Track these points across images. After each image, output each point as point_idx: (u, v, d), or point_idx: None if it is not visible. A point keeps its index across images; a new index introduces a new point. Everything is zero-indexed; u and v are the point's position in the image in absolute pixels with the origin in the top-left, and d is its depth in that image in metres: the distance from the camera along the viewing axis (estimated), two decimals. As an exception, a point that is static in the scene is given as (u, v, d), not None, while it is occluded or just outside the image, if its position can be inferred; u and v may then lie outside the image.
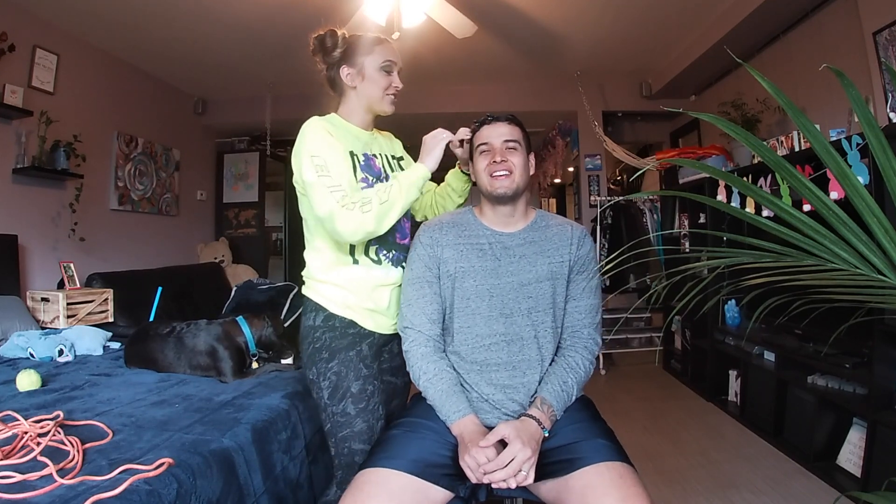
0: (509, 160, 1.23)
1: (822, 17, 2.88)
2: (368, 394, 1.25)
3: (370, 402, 1.25)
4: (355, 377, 1.24)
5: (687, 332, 3.58)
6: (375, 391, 1.26)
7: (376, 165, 1.32)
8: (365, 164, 1.29)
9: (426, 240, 1.29)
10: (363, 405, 1.24)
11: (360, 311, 1.28)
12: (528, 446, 1.04)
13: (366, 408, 1.24)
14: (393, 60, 1.33)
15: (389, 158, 1.39)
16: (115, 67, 3.69)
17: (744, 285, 1.03)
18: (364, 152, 1.31)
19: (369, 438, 1.22)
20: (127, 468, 1.07)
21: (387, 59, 1.32)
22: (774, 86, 0.74)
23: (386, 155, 1.38)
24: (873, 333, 1.93)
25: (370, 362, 1.28)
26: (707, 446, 2.50)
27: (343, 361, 1.25)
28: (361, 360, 1.26)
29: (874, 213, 0.75)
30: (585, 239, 1.29)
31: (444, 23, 2.86)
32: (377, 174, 1.32)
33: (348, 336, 1.27)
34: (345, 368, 1.25)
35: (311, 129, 1.23)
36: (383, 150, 1.39)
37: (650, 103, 4.55)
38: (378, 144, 1.38)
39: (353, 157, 1.27)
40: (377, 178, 1.30)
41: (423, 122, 5.50)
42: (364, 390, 1.24)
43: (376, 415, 1.25)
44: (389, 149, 1.43)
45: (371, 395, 1.25)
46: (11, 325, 2.43)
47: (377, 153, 1.35)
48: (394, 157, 1.42)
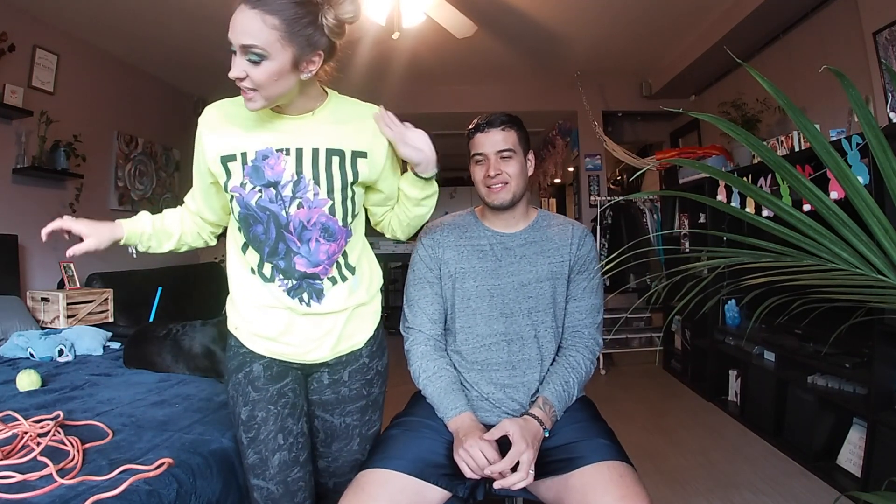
0: (504, 171, 1.22)
1: (822, 17, 2.88)
2: (259, 421, 1.05)
3: (261, 432, 1.05)
4: (243, 402, 1.07)
5: (687, 332, 3.58)
6: (269, 418, 1.05)
7: (277, 167, 1.01)
8: (253, 167, 1.01)
9: (427, 241, 1.30)
10: (252, 434, 1.05)
11: (245, 333, 1.10)
12: (532, 447, 1.05)
13: (255, 437, 1.05)
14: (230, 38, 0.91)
15: (323, 154, 1.02)
16: (115, 67, 3.69)
17: (744, 285, 1.03)
18: (262, 149, 1.01)
19: (263, 473, 1.04)
20: (127, 468, 1.08)
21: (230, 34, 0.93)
22: (774, 86, 0.74)
23: (315, 148, 1.02)
24: (873, 333, 1.93)
25: (263, 384, 1.07)
26: (707, 446, 2.50)
27: (234, 384, 1.10)
28: (250, 382, 1.08)
29: (874, 213, 0.75)
30: (586, 239, 1.29)
31: (444, 23, 2.86)
32: (270, 180, 1.01)
33: (239, 356, 1.11)
34: (234, 392, 1.09)
35: (199, 119, 1.07)
36: (309, 141, 1.03)
37: (650, 103, 4.55)
38: (303, 132, 1.03)
39: (227, 163, 1.02)
40: (265, 186, 1.01)
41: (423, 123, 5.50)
42: (252, 417, 1.06)
43: (271, 446, 1.04)
44: (334, 138, 1.04)
45: (262, 423, 1.05)
46: (11, 325, 2.43)
47: (292, 146, 1.02)
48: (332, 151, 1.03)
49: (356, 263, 1.12)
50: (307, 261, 1.04)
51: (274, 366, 1.09)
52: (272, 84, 0.93)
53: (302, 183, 1.02)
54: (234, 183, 1.02)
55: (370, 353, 1.16)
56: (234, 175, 1.02)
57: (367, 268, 1.17)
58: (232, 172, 1.02)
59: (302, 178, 1.02)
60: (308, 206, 1.03)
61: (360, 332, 1.14)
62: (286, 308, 1.06)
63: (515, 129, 1.25)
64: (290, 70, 0.94)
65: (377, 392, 1.18)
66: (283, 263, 1.04)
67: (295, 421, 1.08)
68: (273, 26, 0.89)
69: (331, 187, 1.03)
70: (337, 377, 1.13)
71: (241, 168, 1.02)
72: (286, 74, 0.94)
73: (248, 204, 1.02)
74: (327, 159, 1.03)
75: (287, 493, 1.05)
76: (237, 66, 0.92)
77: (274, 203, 1.02)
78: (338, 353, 1.11)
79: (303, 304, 1.06)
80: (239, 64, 0.92)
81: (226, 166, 1.02)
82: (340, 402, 1.14)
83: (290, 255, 1.04)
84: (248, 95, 0.94)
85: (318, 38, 0.95)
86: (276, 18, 0.89)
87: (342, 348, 1.11)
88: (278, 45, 0.90)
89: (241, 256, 1.09)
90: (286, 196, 1.02)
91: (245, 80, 0.92)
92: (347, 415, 1.14)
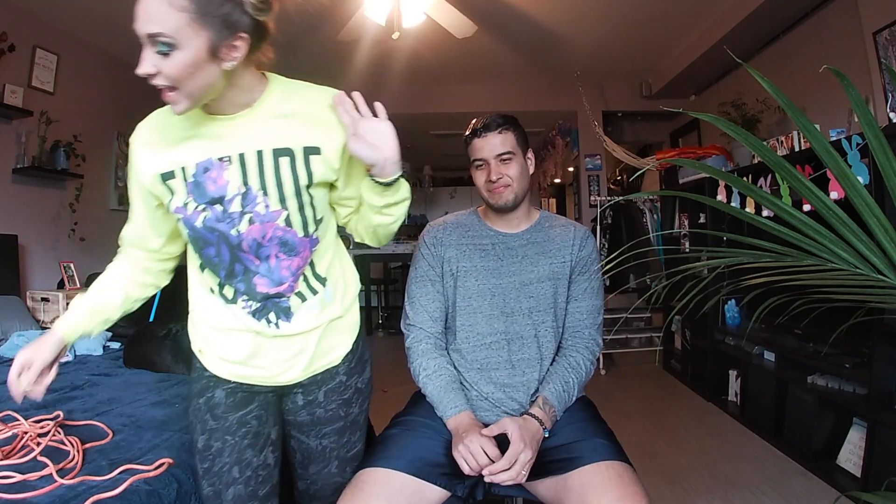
0: (505, 175, 1.22)
1: (822, 17, 2.88)
2: (214, 452, 0.97)
3: (216, 463, 0.97)
4: (200, 430, 0.98)
5: (687, 332, 3.58)
6: (226, 449, 0.97)
7: (220, 180, 0.88)
8: (194, 182, 0.88)
9: (430, 239, 1.30)
10: (207, 465, 0.97)
11: (210, 357, 1.00)
12: (530, 447, 1.05)
13: (210, 469, 0.97)
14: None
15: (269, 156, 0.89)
16: (115, 67, 3.69)
17: (744, 285, 1.03)
18: (202, 160, 0.88)
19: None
20: (127, 468, 1.07)
21: None
22: (774, 86, 0.74)
23: (260, 151, 0.89)
24: (873, 333, 1.93)
25: (223, 412, 0.98)
26: (707, 446, 2.50)
27: (193, 409, 1.01)
28: (210, 409, 0.98)
29: (874, 213, 0.75)
30: (588, 240, 1.29)
31: (444, 23, 2.86)
32: (214, 196, 0.88)
33: (203, 379, 1.01)
34: (193, 418, 1.00)
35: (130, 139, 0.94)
36: (252, 143, 0.89)
37: (650, 103, 4.55)
38: (244, 133, 0.89)
39: (168, 181, 0.89)
40: (210, 204, 0.89)
41: (423, 123, 5.49)
42: (208, 447, 0.97)
43: (225, 479, 0.97)
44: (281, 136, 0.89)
45: (217, 454, 0.97)
46: (11, 325, 2.43)
47: (234, 152, 0.88)
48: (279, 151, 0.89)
49: (326, 273, 1.00)
50: (269, 280, 0.93)
51: (239, 392, 0.99)
52: (189, 78, 0.78)
53: (250, 195, 0.89)
54: (176, 203, 0.89)
55: (348, 370, 1.05)
56: (177, 193, 0.89)
57: (341, 275, 1.04)
58: (175, 190, 0.89)
59: (249, 190, 0.89)
60: (260, 220, 0.90)
61: (336, 349, 1.04)
62: (253, 332, 0.96)
63: (512, 129, 1.24)
64: (208, 59, 0.78)
65: (356, 412, 1.09)
66: (242, 286, 0.93)
67: (256, 452, 0.99)
68: (181, 8, 0.74)
69: (282, 196, 0.89)
70: (312, 398, 1.03)
71: (183, 185, 0.89)
72: (204, 65, 0.78)
73: (193, 226, 0.90)
74: (274, 162, 0.88)
75: None
76: (145, 60, 0.77)
77: (221, 222, 0.89)
78: (312, 373, 1.01)
79: (270, 326, 0.95)
80: (147, 58, 0.77)
81: (167, 185, 0.89)
82: (316, 424, 1.04)
83: (249, 276, 0.93)
84: (168, 96, 0.80)
85: (238, 17, 0.79)
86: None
87: (316, 367, 1.01)
88: (189, 31, 0.75)
89: (199, 275, 0.98)
90: (234, 213, 0.89)
91: (157, 76, 0.77)
92: (324, 437, 1.05)
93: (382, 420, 1.31)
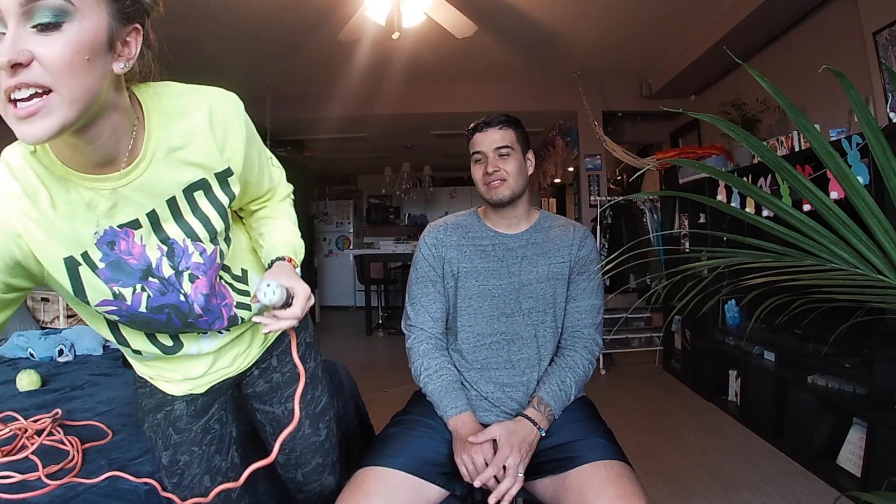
0: (502, 168, 1.23)
1: (822, 17, 2.88)
2: (182, 466, 0.94)
3: (185, 477, 0.95)
4: (163, 445, 0.94)
5: (687, 332, 3.58)
6: (194, 461, 0.94)
7: (135, 248, 0.71)
8: (108, 265, 0.70)
9: (431, 240, 1.31)
10: (176, 480, 0.95)
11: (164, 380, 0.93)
12: (519, 451, 1.05)
13: (180, 483, 0.95)
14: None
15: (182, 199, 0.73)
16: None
17: (744, 285, 1.03)
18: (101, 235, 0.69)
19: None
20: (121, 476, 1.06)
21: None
22: (774, 86, 0.74)
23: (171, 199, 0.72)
24: (873, 333, 1.93)
25: (186, 424, 0.94)
26: (707, 446, 2.50)
27: (151, 426, 0.95)
28: (171, 423, 0.93)
29: (874, 213, 0.75)
30: (587, 240, 1.30)
31: (444, 23, 2.86)
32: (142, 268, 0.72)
33: (158, 394, 0.94)
34: (153, 434, 0.96)
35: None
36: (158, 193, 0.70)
37: (650, 103, 4.55)
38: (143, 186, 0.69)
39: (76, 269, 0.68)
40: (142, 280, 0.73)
41: (423, 122, 5.50)
42: (175, 462, 0.94)
43: (197, 490, 0.95)
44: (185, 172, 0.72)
45: (186, 468, 0.94)
46: (11, 325, 2.43)
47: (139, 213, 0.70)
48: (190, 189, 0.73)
49: (242, 265, 0.92)
50: (220, 320, 0.85)
51: (199, 399, 0.95)
52: (77, 73, 0.53)
53: (177, 250, 0.75)
54: (101, 297, 0.70)
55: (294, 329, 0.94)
56: (94, 287, 0.69)
57: (249, 251, 0.96)
58: (84, 282, 0.69)
59: (174, 244, 0.74)
60: (202, 272, 0.78)
61: None
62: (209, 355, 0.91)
63: (513, 128, 1.26)
64: (105, 49, 0.57)
65: (312, 366, 1.08)
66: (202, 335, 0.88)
67: (223, 455, 0.98)
68: None
69: (213, 233, 0.77)
70: (265, 365, 1.02)
71: (93, 273, 0.68)
72: (98, 56, 0.56)
73: (135, 314, 0.74)
74: (189, 202, 0.73)
75: None
76: (12, 41, 0.50)
77: (167, 293, 0.75)
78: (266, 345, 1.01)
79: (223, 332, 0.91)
80: (17, 37, 0.50)
81: (74, 274, 0.67)
82: (276, 389, 1.03)
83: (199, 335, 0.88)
84: (33, 107, 0.52)
85: (139, 4, 0.62)
86: None
87: (270, 338, 1.01)
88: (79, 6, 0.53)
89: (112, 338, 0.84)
90: (170, 276, 0.75)
91: (27, 67, 0.51)
92: (287, 400, 1.04)
93: (382, 420, 1.31)
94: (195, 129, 0.72)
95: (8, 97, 0.51)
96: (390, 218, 8.82)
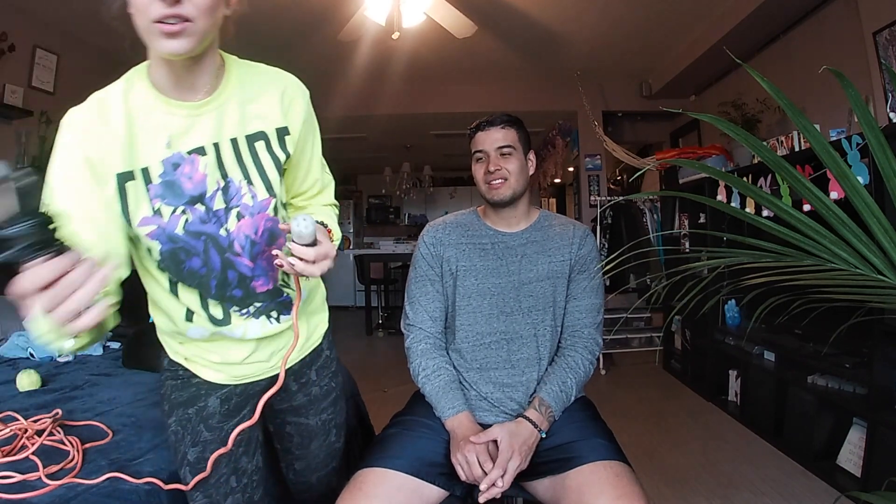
0: (503, 168, 1.23)
1: (822, 17, 2.88)
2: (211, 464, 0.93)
3: (212, 475, 0.92)
4: (192, 442, 0.93)
5: (687, 332, 3.58)
6: (222, 460, 0.93)
7: (196, 175, 0.79)
8: (164, 183, 0.78)
9: (429, 239, 1.30)
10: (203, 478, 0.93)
11: (201, 364, 0.94)
12: (519, 454, 1.05)
13: (206, 480, 0.93)
14: None
15: (244, 144, 0.83)
16: (115, 67, 3.68)
17: (744, 285, 1.03)
18: (168, 155, 0.78)
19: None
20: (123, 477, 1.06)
21: None
22: (774, 86, 0.74)
23: (234, 139, 0.82)
24: (873, 333, 1.93)
25: (218, 422, 0.94)
26: (707, 446, 2.50)
27: (180, 420, 0.94)
28: (203, 420, 0.93)
29: (874, 213, 0.75)
30: (587, 239, 1.29)
31: (444, 23, 2.86)
32: (194, 195, 0.79)
33: (191, 387, 0.94)
34: (181, 429, 0.94)
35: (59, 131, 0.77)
36: (226, 131, 0.82)
37: (650, 103, 4.55)
38: (216, 121, 0.81)
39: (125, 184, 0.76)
40: (189, 204, 0.79)
41: (423, 122, 5.49)
42: (203, 460, 0.92)
43: (222, 490, 0.94)
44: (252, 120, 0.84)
45: (214, 467, 0.92)
46: (11, 325, 2.43)
47: (208, 142, 0.81)
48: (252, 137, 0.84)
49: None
50: (265, 278, 0.87)
51: (233, 397, 0.95)
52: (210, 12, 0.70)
53: (232, 188, 0.82)
54: (142, 213, 0.77)
55: (329, 344, 1.09)
56: (137, 202, 0.76)
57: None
58: (129, 198, 0.76)
59: (231, 182, 0.81)
60: (249, 213, 0.83)
61: (319, 327, 1.07)
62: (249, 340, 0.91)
63: (515, 128, 1.26)
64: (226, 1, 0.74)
65: (340, 381, 1.15)
66: (239, 293, 0.87)
67: (250, 458, 0.98)
68: None
69: (268, 183, 0.84)
70: (304, 380, 1.04)
71: (144, 189, 0.76)
72: (221, 4, 0.73)
73: (173, 235, 0.78)
74: (251, 149, 0.83)
75: None
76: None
77: (207, 223, 0.80)
78: (302, 356, 1.02)
79: (272, 321, 0.92)
80: None
81: (122, 189, 0.75)
82: (314, 403, 1.06)
83: (245, 281, 0.86)
84: (174, 28, 0.68)
85: None
86: None
87: (306, 348, 1.03)
88: None
89: (169, 302, 0.87)
90: (219, 210, 0.81)
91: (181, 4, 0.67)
92: (323, 412, 1.08)
93: (382, 420, 1.31)
94: (267, 91, 0.85)
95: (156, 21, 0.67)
96: (390, 218, 8.82)
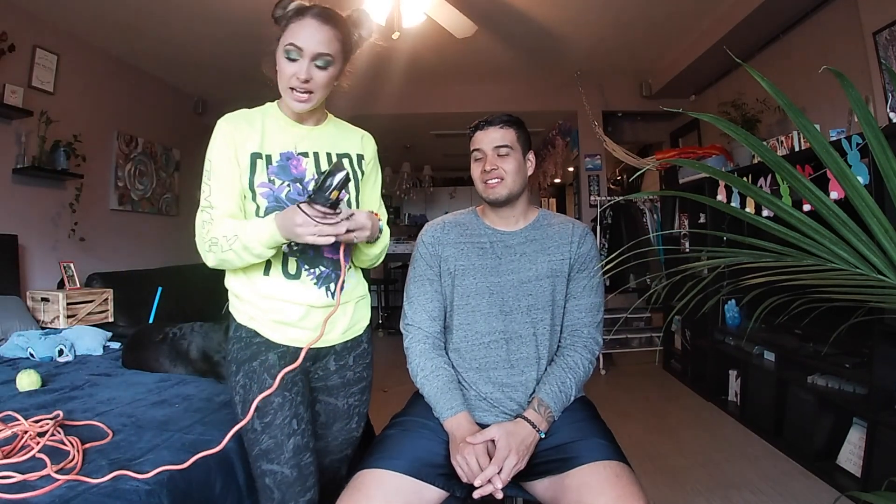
0: (500, 167, 1.23)
1: (822, 17, 2.88)
2: (275, 407, 1.09)
3: (277, 416, 1.08)
4: (258, 389, 1.09)
5: (687, 332, 3.58)
6: (286, 404, 1.10)
7: (300, 167, 1.14)
8: (279, 166, 1.12)
9: (428, 238, 1.30)
10: (268, 419, 1.08)
11: (264, 322, 1.14)
12: (516, 453, 1.05)
13: (271, 422, 1.08)
14: (297, 45, 1.04)
15: (333, 157, 1.19)
16: (115, 67, 3.69)
17: (744, 285, 1.03)
18: (285, 151, 1.13)
19: (278, 458, 1.07)
20: (124, 474, 1.06)
21: (290, 41, 1.05)
22: (774, 86, 0.74)
23: (328, 153, 1.18)
24: (873, 333, 1.93)
25: (278, 372, 1.09)
26: (707, 446, 2.50)
27: (247, 373, 1.12)
28: (266, 370, 1.11)
29: (874, 213, 0.75)
30: (587, 237, 1.29)
31: (444, 23, 2.86)
32: (297, 177, 1.13)
33: (253, 346, 1.14)
34: (248, 380, 1.11)
35: (217, 125, 1.13)
36: (323, 148, 1.18)
37: (650, 103, 4.55)
38: (317, 140, 1.18)
39: (256, 160, 1.11)
40: (293, 182, 1.13)
41: (423, 122, 5.48)
42: (269, 402, 1.08)
43: (286, 431, 1.09)
44: (341, 145, 1.21)
45: (279, 409, 1.08)
46: (11, 325, 2.43)
47: (311, 151, 1.16)
48: (341, 155, 1.20)
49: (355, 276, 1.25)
50: (332, 248, 1.12)
51: (288, 356, 1.13)
52: (325, 87, 1.09)
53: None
54: (260, 179, 1.11)
55: (368, 339, 1.27)
56: (258, 172, 1.11)
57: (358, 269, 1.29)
58: (257, 170, 1.11)
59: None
60: None
61: (362, 321, 1.26)
62: (305, 304, 1.13)
63: (514, 128, 1.26)
64: (337, 77, 1.11)
65: (371, 374, 1.29)
66: (311, 252, 1.13)
67: (305, 408, 1.14)
68: (339, 39, 1.07)
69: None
70: (343, 362, 1.21)
71: (265, 167, 1.11)
72: (334, 81, 1.10)
73: (278, 197, 1.11)
74: (339, 161, 1.15)
75: (300, 477, 1.08)
76: (305, 70, 1.05)
77: (301, 196, 1.10)
78: (345, 339, 1.21)
79: (328, 295, 1.14)
80: (306, 69, 1.05)
81: (253, 163, 1.11)
82: (346, 386, 1.23)
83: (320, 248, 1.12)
84: (303, 97, 1.08)
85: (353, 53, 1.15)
86: (339, 30, 1.07)
87: (349, 334, 1.21)
88: (340, 56, 1.09)
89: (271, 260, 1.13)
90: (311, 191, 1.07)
91: (309, 82, 1.06)
92: (350, 396, 1.24)
93: (382, 420, 1.31)
94: (353, 133, 1.26)
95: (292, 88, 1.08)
96: (390, 218, 8.81)
